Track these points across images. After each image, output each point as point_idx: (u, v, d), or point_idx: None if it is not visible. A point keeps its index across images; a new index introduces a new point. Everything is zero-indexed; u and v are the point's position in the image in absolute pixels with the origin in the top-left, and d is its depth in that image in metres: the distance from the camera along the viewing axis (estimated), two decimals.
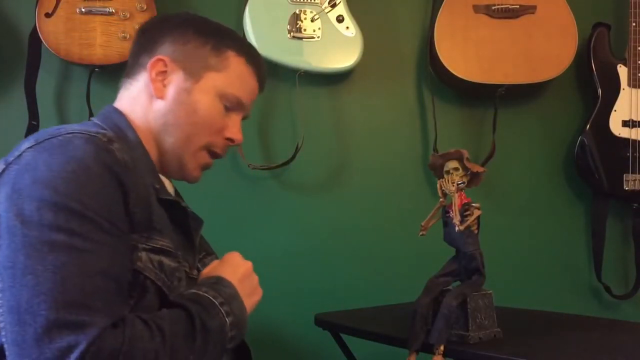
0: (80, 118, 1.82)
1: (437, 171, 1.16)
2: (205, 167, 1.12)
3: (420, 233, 1.14)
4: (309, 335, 1.84)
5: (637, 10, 1.88)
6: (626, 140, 1.91)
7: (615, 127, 1.91)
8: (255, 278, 1.08)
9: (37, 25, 1.73)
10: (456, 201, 1.11)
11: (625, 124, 1.91)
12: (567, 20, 1.88)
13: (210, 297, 0.94)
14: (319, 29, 1.83)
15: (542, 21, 1.88)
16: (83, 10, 1.74)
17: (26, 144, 0.89)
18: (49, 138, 0.88)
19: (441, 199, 1.14)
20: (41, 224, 0.81)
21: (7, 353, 0.80)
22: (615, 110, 1.91)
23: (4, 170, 0.87)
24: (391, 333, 1.25)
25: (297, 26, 1.83)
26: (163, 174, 1.09)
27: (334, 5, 1.84)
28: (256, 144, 1.93)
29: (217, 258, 1.18)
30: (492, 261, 1.20)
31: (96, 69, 1.78)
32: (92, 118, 1.07)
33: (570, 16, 1.89)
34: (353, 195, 1.96)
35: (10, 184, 0.85)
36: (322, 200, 1.95)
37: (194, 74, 1.06)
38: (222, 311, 0.94)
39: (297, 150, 1.87)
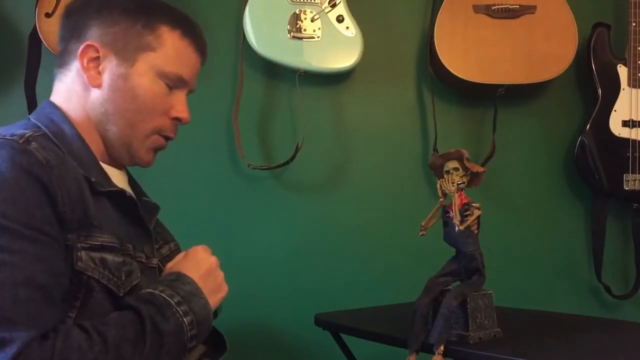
0: None
1: (437, 171, 1.15)
2: (158, 150, 1.07)
3: (420, 233, 1.14)
4: (309, 335, 1.84)
5: (637, 10, 1.88)
6: (626, 140, 1.91)
7: (615, 127, 1.91)
8: (220, 274, 1.03)
9: (37, 25, 1.73)
10: (456, 201, 1.11)
11: (625, 124, 1.91)
12: (567, 20, 1.88)
13: (166, 297, 0.91)
14: (319, 29, 1.83)
15: (542, 21, 1.87)
16: None
17: None
18: None
19: (441, 199, 1.14)
20: None
21: None
22: (615, 110, 1.91)
23: None
24: (391, 333, 1.25)
25: (297, 26, 1.83)
26: (113, 163, 1.05)
27: (334, 5, 1.84)
28: (256, 144, 1.93)
29: (177, 247, 1.14)
30: (492, 261, 1.20)
31: None
32: (28, 115, 1.03)
33: (570, 16, 1.89)
34: (353, 195, 1.96)
35: None
36: (322, 200, 1.95)
37: (127, 57, 1.00)
38: (179, 311, 0.90)
39: (297, 150, 1.87)
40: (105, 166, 1.02)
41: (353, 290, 1.91)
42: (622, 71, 1.91)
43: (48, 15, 1.73)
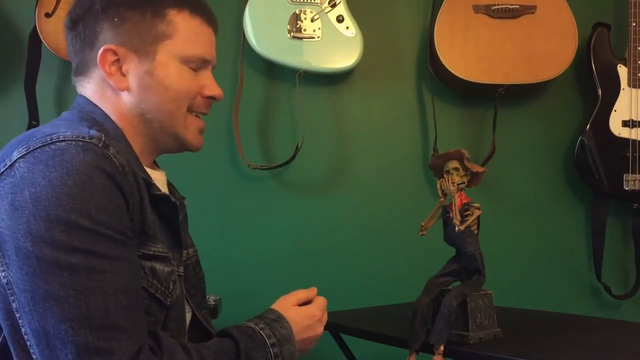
0: None
1: (437, 171, 1.16)
2: (202, 131, 1.06)
3: (420, 233, 1.14)
4: None
5: (637, 10, 1.88)
6: (626, 140, 1.91)
7: (615, 127, 1.91)
8: (319, 329, 1.11)
9: (37, 25, 1.73)
10: (456, 201, 1.11)
11: (625, 124, 1.91)
12: (567, 20, 1.88)
13: (265, 336, 0.97)
14: (319, 29, 1.83)
15: (542, 21, 1.87)
16: None
17: (16, 152, 0.83)
18: (41, 146, 0.82)
19: (441, 199, 1.14)
20: (55, 246, 0.78)
21: None
22: (615, 110, 1.91)
23: None
24: (391, 333, 1.25)
25: (297, 26, 1.83)
26: (151, 164, 1.04)
27: (334, 5, 1.84)
28: (256, 144, 1.93)
29: (195, 253, 1.14)
30: (492, 261, 1.20)
31: None
32: (65, 112, 1.01)
33: (570, 16, 1.89)
34: (353, 195, 1.96)
35: (8, 199, 0.80)
36: (322, 200, 1.95)
37: (147, 52, 0.98)
38: (272, 352, 0.96)
39: (297, 150, 1.87)
40: (147, 169, 1.00)
41: (353, 290, 1.91)
42: (622, 71, 1.91)
43: (48, 15, 1.73)
